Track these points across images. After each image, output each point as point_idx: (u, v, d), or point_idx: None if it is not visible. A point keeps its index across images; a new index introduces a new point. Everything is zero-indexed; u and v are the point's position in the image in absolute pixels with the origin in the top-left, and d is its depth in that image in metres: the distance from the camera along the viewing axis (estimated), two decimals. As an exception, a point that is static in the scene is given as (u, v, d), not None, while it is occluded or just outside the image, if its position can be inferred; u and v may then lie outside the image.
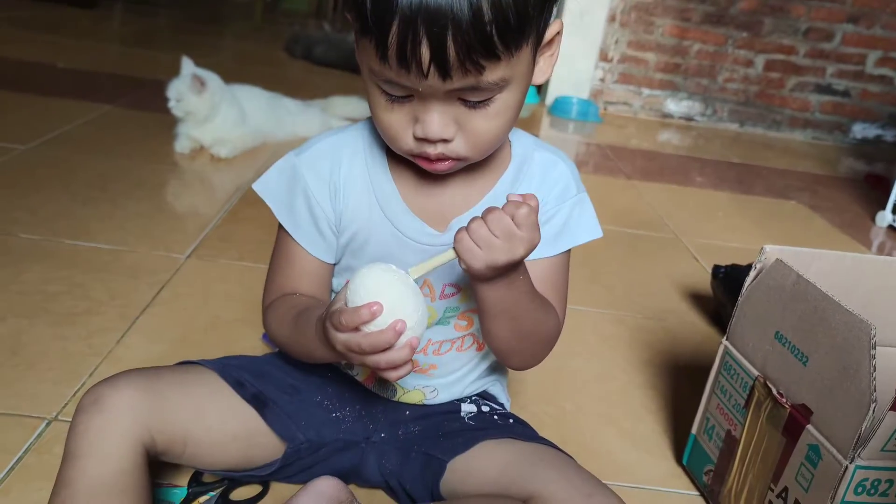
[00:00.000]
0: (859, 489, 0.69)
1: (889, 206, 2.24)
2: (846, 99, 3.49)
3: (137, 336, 1.06)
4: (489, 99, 0.63)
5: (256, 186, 0.77)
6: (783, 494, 0.76)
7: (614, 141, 2.91)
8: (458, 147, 0.66)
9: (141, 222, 1.46)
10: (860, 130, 3.55)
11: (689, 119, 3.51)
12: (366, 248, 0.76)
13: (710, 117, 3.51)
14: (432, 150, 0.66)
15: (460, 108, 0.63)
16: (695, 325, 1.38)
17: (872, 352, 0.67)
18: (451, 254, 0.64)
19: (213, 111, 1.91)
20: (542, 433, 0.82)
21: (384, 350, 0.60)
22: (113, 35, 3.82)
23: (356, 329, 0.60)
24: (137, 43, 3.60)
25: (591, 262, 1.61)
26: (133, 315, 1.11)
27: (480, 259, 0.62)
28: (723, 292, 1.36)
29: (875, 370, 0.67)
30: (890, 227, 2.25)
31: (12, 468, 0.78)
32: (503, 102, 0.64)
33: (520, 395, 1.04)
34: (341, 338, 0.61)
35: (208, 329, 1.11)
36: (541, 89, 3.44)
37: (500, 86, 0.62)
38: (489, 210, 0.62)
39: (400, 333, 0.59)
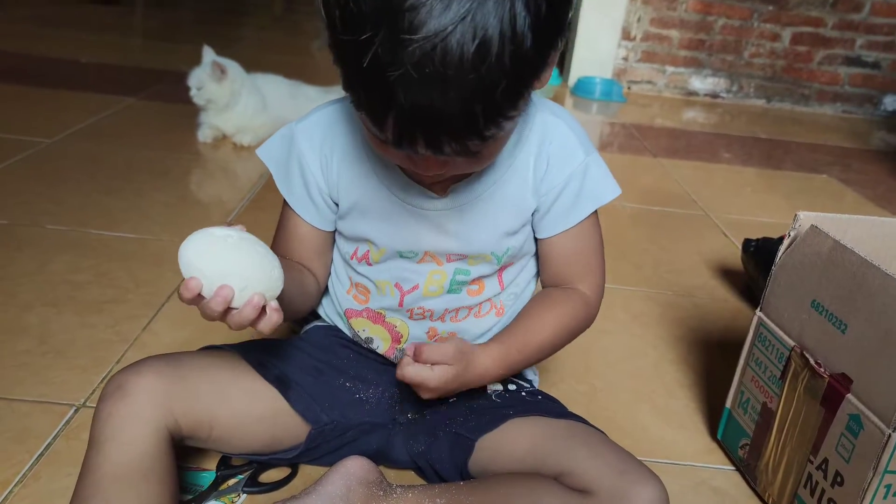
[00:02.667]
0: (904, 458, 0.67)
1: (924, 176, 2.18)
2: (876, 71, 3.40)
3: (163, 322, 1.06)
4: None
5: (259, 151, 0.79)
6: (823, 466, 0.74)
7: (639, 120, 2.87)
8: (454, 172, 0.65)
9: (165, 211, 1.47)
10: (891, 102, 3.46)
11: (715, 96, 3.44)
12: (368, 217, 0.75)
13: (737, 94, 3.44)
14: (427, 179, 0.68)
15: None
16: (726, 300, 1.35)
17: (915, 316, 0.64)
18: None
19: (234, 99, 1.91)
20: (572, 410, 0.80)
21: (227, 314, 0.61)
22: (135, 29, 3.84)
23: (198, 300, 0.60)
24: (159, 36, 3.61)
25: (619, 240, 1.59)
26: (159, 302, 1.11)
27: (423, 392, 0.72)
28: (754, 266, 1.33)
29: (918, 336, 0.64)
30: (925, 198, 2.19)
31: (42, 454, 0.78)
32: (499, 143, 0.64)
33: (549, 373, 1.03)
34: (200, 310, 0.62)
35: (234, 314, 1.11)
36: (563, 70, 3.40)
37: (496, 140, 0.60)
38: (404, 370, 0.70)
39: (226, 298, 0.59)
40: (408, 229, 0.74)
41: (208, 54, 1.89)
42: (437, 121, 0.53)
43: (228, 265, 0.60)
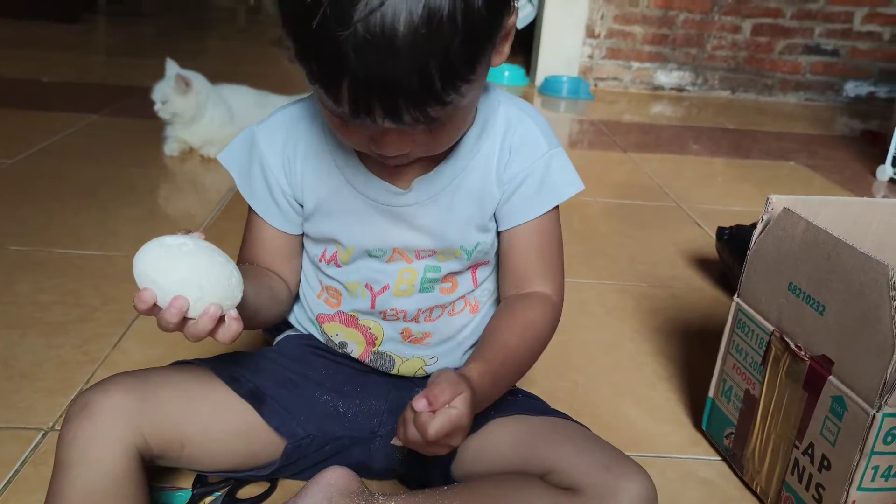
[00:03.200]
0: (889, 438, 0.66)
1: (889, 159, 2.21)
2: (836, 58, 3.45)
3: (133, 340, 1.04)
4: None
5: (220, 156, 0.77)
6: (809, 451, 0.73)
7: (607, 116, 2.88)
8: (417, 153, 0.64)
9: (133, 226, 1.44)
10: (852, 89, 3.51)
11: (681, 90, 3.47)
12: (333, 216, 0.73)
13: (702, 86, 3.47)
14: (391, 161, 0.64)
15: (418, 128, 0.59)
16: (702, 289, 1.35)
17: (892, 293, 0.64)
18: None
19: (200, 111, 1.88)
20: (555, 407, 0.79)
21: (183, 326, 0.58)
22: (97, 47, 3.78)
23: (153, 310, 0.58)
24: (122, 52, 3.56)
25: (593, 235, 1.59)
26: (128, 319, 1.09)
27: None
28: (728, 253, 1.33)
29: (896, 313, 0.64)
30: (891, 180, 2.22)
31: (9, 481, 0.75)
32: (461, 113, 0.62)
33: (530, 371, 1.01)
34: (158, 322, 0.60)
35: (206, 328, 1.08)
36: (529, 70, 3.41)
37: (456, 109, 0.59)
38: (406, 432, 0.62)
39: (181, 309, 0.57)
40: (374, 226, 0.72)
41: (172, 67, 1.86)
42: (391, 84, 0.52)
43: (182, 274, 0.57)
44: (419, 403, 0.60)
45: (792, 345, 0.76)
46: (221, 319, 0.59)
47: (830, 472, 0.71)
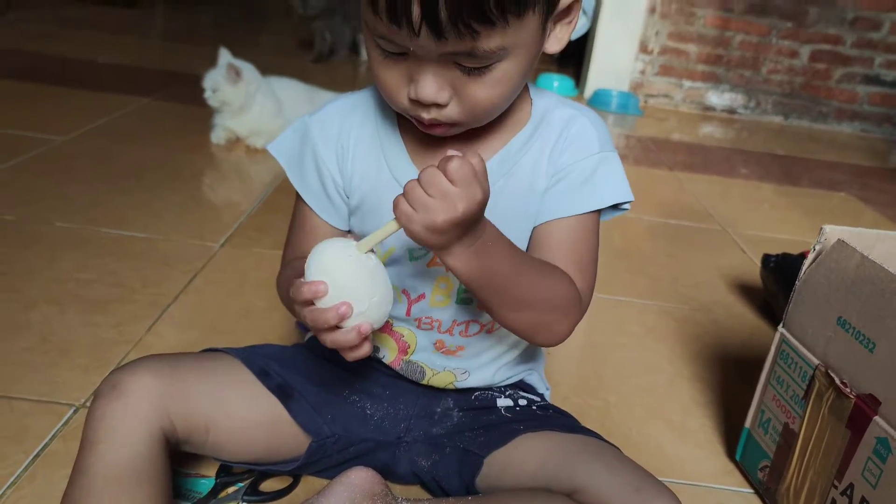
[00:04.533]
0: (936, 486, 0.64)
1: (946, 197, 2.14)
2: (895, 90, 3.36)
3: (168, 324, 1.04)
4: (487, 66, 0.59)
5: (270, 146, 0.76)
6: (848, 492, 0.70)
7: (655, 133, 2.85)
8: (452, 113, 0.62)
9: (176, 211, 1.45)
10: (911, 121, 3.43)
11: (732, 111, 3.41)
12: (376, 212, 0.72)
13: (754, 110, 3.41)
14: (425, 115, 0.62)
15: (456, 73, 0.59)
16: (744, 316, 1.32)
17: (950, 337, 0.62)
18: (394, 224, 0.58)
19: (249, 101, 1.90)
20: (585, 425, 0.77)
21: (330, 328, 0.58)
22: (153, 32, 3.86)
23: (310, 302, 0.58)
24: (177, 39, 3.62)
25: (635, 253, 1.56)
26: (165, 303, 1.10)
27: (417, 222, 0.56)
28: (773, 282, 1.30)
29: (952, 357, 0.61)
30: (947, 219, 2.16)
31: (38, 454, 0.76)
32: (503, 71, 0.60)
33: (561, 386, 1.00)
34: (296, 308, 0.61)
35: (241, 317, 1.09)
36: (579, 82, 3.38)
37: (498, 54, 0.58)
38: (424, 169, 0.56)
39: (343, 316, 0.57)
40: None
41: (224, 56, 1.88)
42: None
43: (360, 287, 0.59)
44: (452, 150, 0.56)
45: (837, 380, 0.73)
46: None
47: (870, 516, 0.68)
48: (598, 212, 0.72)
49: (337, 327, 0.59)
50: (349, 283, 0.58)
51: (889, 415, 0.67)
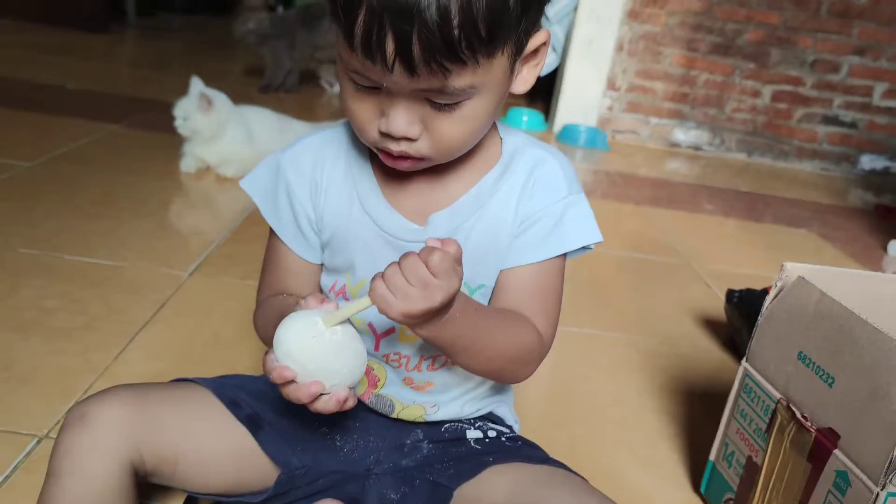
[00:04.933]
0: (893, 518, 0.65)
1: (901, 235, 2.21)
2: (853, 130, 3.47)
3: (136, 352, 1.03)
4: (457, 103, 0.61)
5: (243, 183, 0.76)
6: (810, 524, 0.72)
7: (623, 168, 2.90)
8: (422, 147, 0.63)
9: (144, 239, 1.44)
10: (868, 162, 3.53)
11: (697, 148, 3.49)
12: (347, 248, 0.73)
13: (718, 147, 3.49)
14: (395, 147, 0.64)
15: (427, 109, 0.61)
16: (709, 350, 1.34)
17: (905, 372, 0.64)
18: (367, 300, 0.59)
19: (220, 130, 1.89)
20: (552, 456, 0.78)
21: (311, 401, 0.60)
22: (124, 58, 3.84)
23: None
24: (148, 65, 3.61)
25: (602, 287, 1.58)
26: (132, 332, 1.08)
27: (395, 309, 0.57)
28: (737, 317, 1.32)
29: (907, 392, 0.63)
30: (903, 256, 2.22)
31: (0, 486, 0.75)
32: (472, 109, 0.62)
33: (530, 419, 1.00)
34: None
35: (209, 346, 1.08)
36: (548, 117, 3.44)
37: (467, 92, 0.60)
38: (405, 256, 0.57)
39: (314, 395, 0.60)
40: (387, 261, 0.71)
41: (196, 85, 1.88)
42: (408, 12, 0.53)
43: (328, 365, 0.60)
44: (433, 241, 0.57)
45: (798, 414, 0.75)
46: None
47: (831, 548, 0.69)
48: (566, 254, 0.74)
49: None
50: (316, 365, 0.60)
51: (848, 448, 0.69)
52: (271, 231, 0.76)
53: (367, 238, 0.72)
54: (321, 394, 0.60)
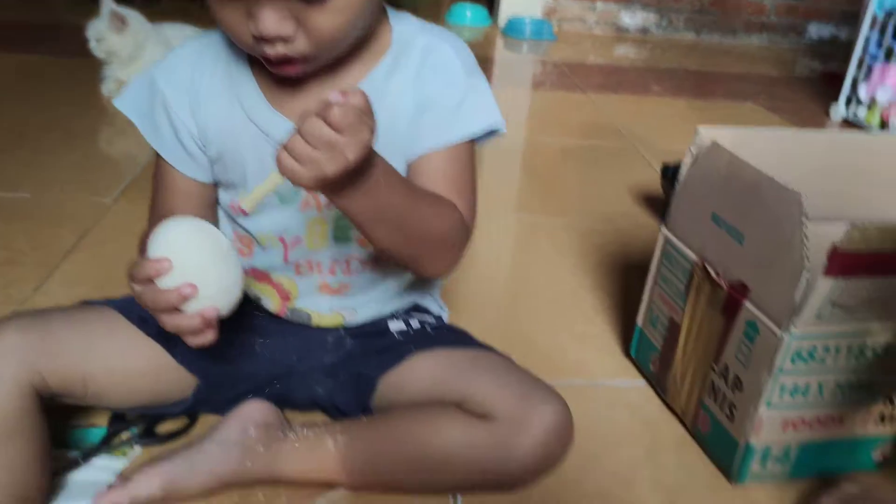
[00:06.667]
0: (795, 358, 0.67)
1: (841, 99, 2.21)
2: (800, 0, 3.42)
3: (57, 283, 1.01)
4: None
5: (117, 102, 0.71)
6: (724, 373, 0.74)
7: (570, 58, 2.84)
8: (300, 46, 0.59)
9: (67, 168, 1.39)
10: (815, 31, 3.50)
11: (645, 31, 3.43)
12: (237, 161, 0.69)
13: (666, 28, 3.43)
14: (271, 51, 0.59)
15: (297, 4, 0.57)
16: (647, 225, 1.35)
17: (804, 219, 0.64)
18: (277, 177, 0.54)
19: (138, 50, 1.81)
20: (490, 339, 0.77)
21: (172, 311, 0.57)
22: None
23: (150, 281, 0.56)
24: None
25: (549, 175, 1.58)
26: (55, 262, 1.06)
27: (306, 177, 0.52)
28: (671, 190, 1.32)
29: (807, 239, 0.64)
30: (844, 119, 2.23)
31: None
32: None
33: (469, 302, 1.01)
34: (134, 287, 0.58)
35: (136, 269, 1.06)
36: (492, 11, 3.34)
37: None
38: (304, 119, 0.52)
39: (186, 298, 0.56)
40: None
41: (107, 4, 1.78)
42: None
43: (210, 269, 0.56)
44: (333, 95, 0.51)
45: (712, 272, 0.75)
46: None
47: (742, 392, 0.71)
48: (473, 140, 0.71)
49: (179, 310, 0.57)
50: (198, 263, 0.56)
51: (757, 299, 0.70)
52: (157, 152, 0.72)
53: (257, 148, 0.68)
54: (188, 300, 0.56)
